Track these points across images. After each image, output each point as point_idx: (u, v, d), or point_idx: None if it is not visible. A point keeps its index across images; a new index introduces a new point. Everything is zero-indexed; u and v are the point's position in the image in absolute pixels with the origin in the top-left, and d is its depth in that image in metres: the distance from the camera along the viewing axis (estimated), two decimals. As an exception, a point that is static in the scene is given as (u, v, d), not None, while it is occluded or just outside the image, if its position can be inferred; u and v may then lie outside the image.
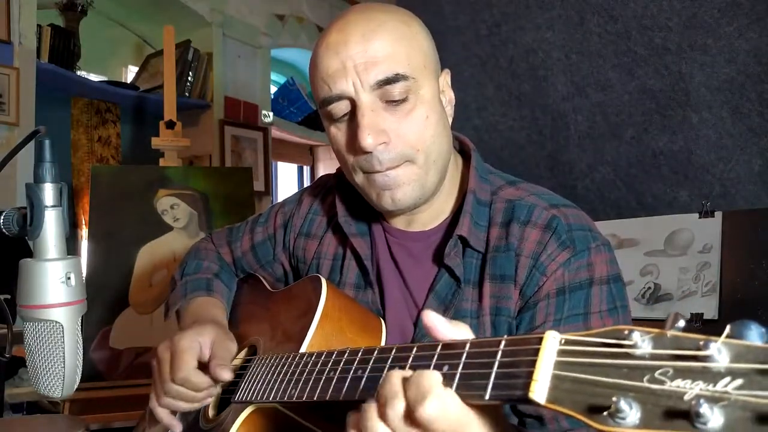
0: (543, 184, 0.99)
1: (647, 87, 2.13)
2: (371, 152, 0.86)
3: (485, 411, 0.56)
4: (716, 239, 1.95)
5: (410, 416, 0.53)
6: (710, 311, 1.89)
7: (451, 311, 0.91)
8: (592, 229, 0.90)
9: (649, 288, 2.05)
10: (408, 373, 0.55)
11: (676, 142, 2.09)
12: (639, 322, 0.91)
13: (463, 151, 1.03)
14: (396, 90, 0.84)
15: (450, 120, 0.94)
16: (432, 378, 0.53)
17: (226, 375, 0.90)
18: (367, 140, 0.84)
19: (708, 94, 2.01)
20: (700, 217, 2.00)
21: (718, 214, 1.97)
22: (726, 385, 0.38)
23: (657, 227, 2.08)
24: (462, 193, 0.98)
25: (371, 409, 0.56)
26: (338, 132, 0.91)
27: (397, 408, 0.54)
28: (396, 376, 0.55)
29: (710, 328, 1.83)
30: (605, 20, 2.20)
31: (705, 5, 1.98)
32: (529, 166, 2.38)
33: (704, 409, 0.37)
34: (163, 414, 0.96)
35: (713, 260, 1.94)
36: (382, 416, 0.54)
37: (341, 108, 0.87)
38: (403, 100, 0.85)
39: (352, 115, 0.87)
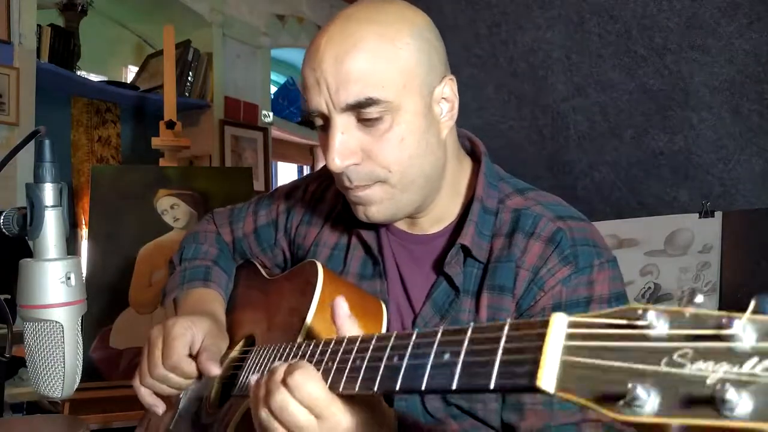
0: (543, 184, 0.98)
1: (647, 87, 2.13)
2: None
3: (357, 403, 0.64)
4: (716, 239, 1.95)
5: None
6: (710, 311, 1.89)
7: (447, 320, 0.89)
8: (598, 245, 0.87)
9: (649, 288, 2.05)
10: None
11: (676, 142, 2.09)
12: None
13: (474, 153, 1.00)
14: (369, 112, 0.82)
15: (446, 130, 0.90)
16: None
17: (214, 369, 0.89)
18: (334, 162, 0.83)
19: (708, 94, 2.01)
20: (700, 217, 2.00)
21: (718, 214, 1.97)
22: (753, 367, 0.35)
23: (657, 227, 2.08)
24: (468, 198, 0.95)
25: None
26: (321, 139, 0.89)
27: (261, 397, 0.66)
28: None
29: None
30: (605, 20, 2.20)
31: (705, 5, 1.98)
32: (529, 166, 2.38)
33: (730, 394, 0.34)
34: (144, 393, 0.96)
35: (713, 260, 1.94)
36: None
37: (319, 120, 0.87)
38: (378, 119, 0.82)
39: (328, 129, 0.85)
